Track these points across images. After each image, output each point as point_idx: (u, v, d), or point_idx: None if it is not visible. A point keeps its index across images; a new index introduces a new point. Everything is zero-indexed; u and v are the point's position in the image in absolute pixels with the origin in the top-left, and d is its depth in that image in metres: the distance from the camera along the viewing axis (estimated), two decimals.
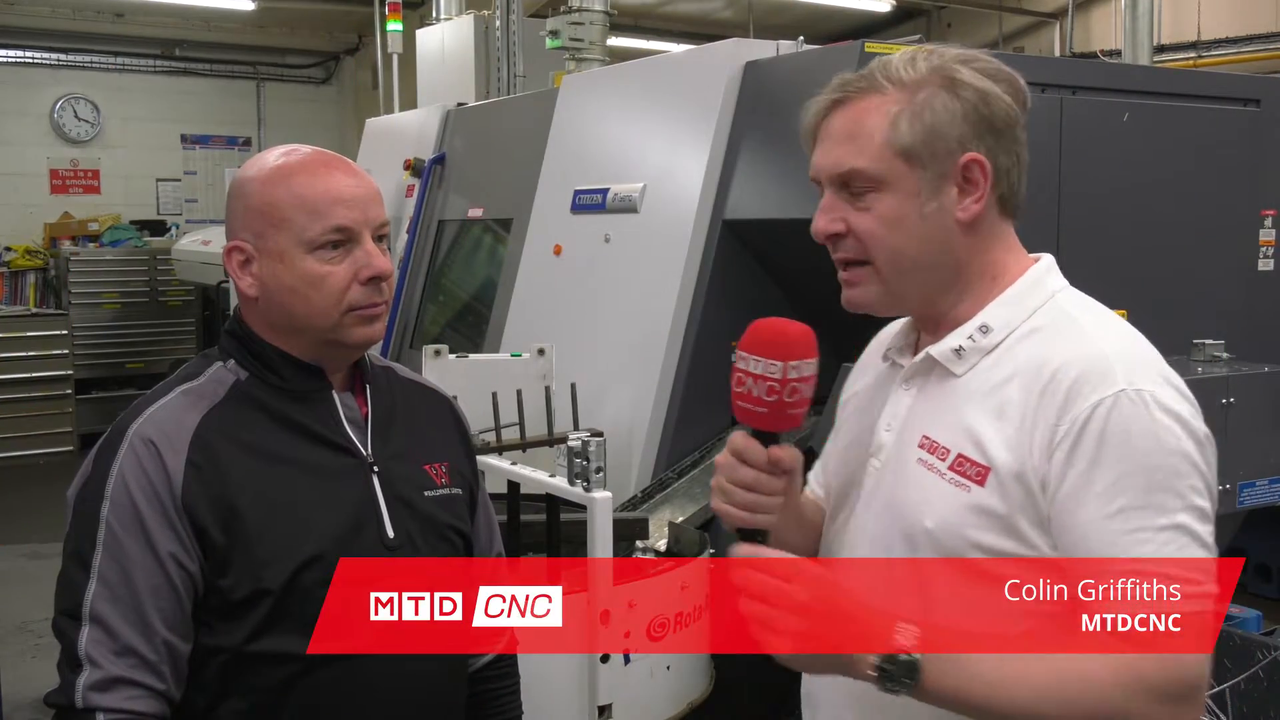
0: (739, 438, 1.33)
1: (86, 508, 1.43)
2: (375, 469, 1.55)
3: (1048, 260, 1.35)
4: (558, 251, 4.51)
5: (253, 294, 1.52)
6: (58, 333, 8.90)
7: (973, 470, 1.24)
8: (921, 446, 1.30)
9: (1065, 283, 1.35)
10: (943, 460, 1.27)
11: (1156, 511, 1.16)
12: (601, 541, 2.64)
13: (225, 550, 1.43)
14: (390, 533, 1.53)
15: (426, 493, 1.59)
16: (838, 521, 1.43)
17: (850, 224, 1.31)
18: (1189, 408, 1.21)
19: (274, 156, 1.54)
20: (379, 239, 1.53)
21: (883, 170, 1.28)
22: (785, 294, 3.94)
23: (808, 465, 1.48)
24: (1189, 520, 1.17)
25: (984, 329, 1.30)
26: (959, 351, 1.30)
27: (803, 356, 1.26)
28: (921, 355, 1.35)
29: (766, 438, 1.31)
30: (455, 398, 1.80)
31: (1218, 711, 2.65)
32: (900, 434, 1.34)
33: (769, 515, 1.32)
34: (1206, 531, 1.18)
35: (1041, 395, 1.22)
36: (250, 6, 11.27)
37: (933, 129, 1.27)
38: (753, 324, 1.30)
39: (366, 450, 1.55)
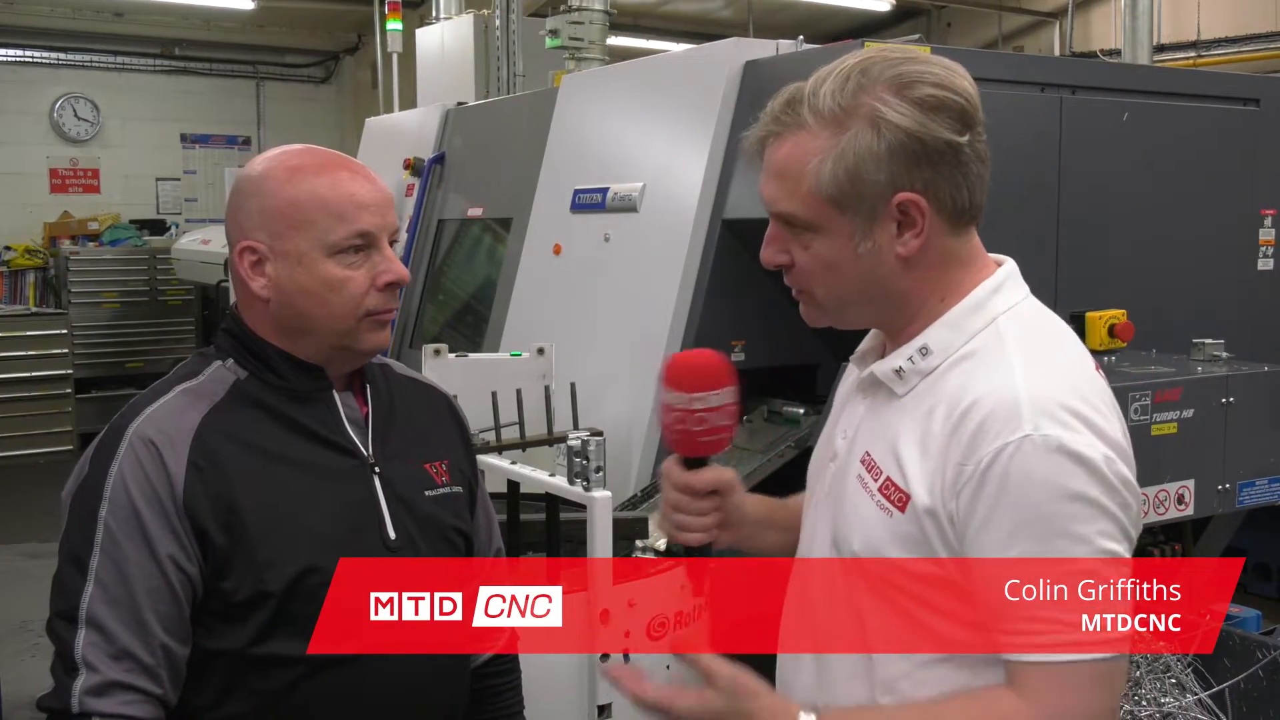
0: (666, 464, 1.43)
1: (83, 509, 1.41)
2: (376, 470, 1.54)
3: (1000, 275, 1.30)
4: (557, 251, 4.50)
5: (265, 295, 1.49)
6: (57, 332, 8.89)
7: (896, 496, 1.23)
8: (862, 462, 1.29)
9: (1017, 298, 1.29)
10: (875, 481, 1.26)
11: (1056, 558, 1.15)
12: (601, 541, 2.64)
13: (227, 552, 1.42)
14: (391, 534, 1.52)
15: (427, 492, 1.59)
16: (808, 519, 1.44)
17: (794, 258, 1.30)
18: (1103, 449, 1.17)
19: (289, 156, 1.51)
20: (390, 244, 1.53)
21: (813, 216, 1.25)
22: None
23: (801, 469, 1.51)
24: (1097, 566, 1.15)
25: (924, 351, 1.27)
26: (899, 372, 1.28)
27: (710, 388, 1.33)
28: (867, 373, 1.34)
29: (690, 463, 1.40)
30: (455, 397, 1.80)
31: (1217, 711, 2.65)
32: (851, 444, 1.34)
33: (700, 534, 1.42)
34: (1117, 574, 1.16)
35: (953, 433, 1.19)
36: (250, 6, 11.27)
37: (857, 174, 1.22)
38: (671, 359, 1.37)
39: (367, 451, 1.54)
